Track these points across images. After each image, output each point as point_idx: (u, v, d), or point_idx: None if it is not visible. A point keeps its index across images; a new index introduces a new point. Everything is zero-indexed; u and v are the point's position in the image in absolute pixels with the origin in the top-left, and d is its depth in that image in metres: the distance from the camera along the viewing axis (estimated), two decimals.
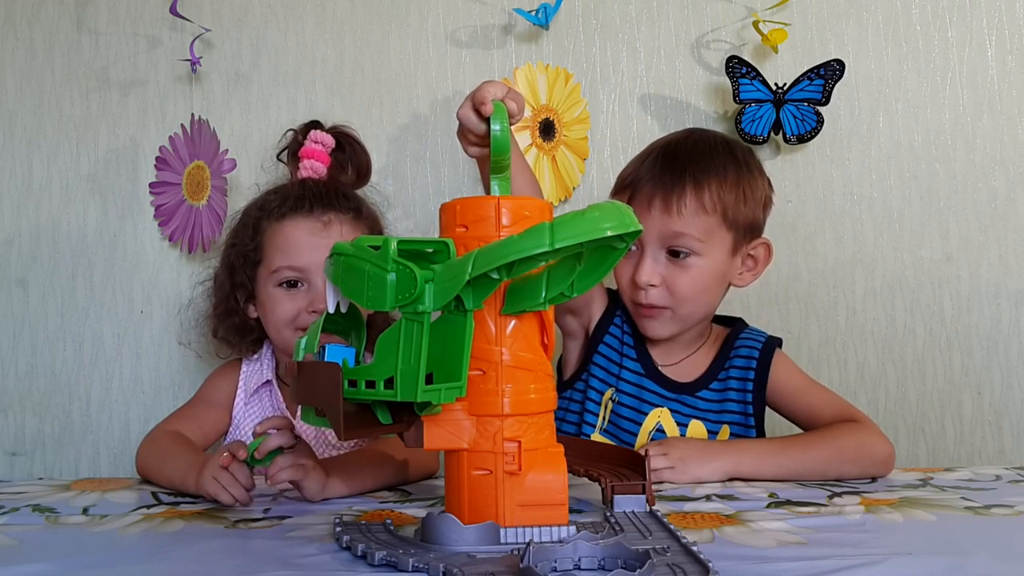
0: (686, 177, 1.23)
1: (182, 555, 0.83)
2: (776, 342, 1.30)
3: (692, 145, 1.28)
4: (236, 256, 1.33)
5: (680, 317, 1.26)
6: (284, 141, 1.44)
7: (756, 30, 1.56)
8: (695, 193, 1.22)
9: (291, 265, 1.27)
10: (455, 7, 1.61)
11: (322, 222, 1.29)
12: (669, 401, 1.30)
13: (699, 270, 1.24)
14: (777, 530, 0.87)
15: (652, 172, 1.24)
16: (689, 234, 1.22)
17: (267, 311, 1.30)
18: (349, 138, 1.43)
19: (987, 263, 1.62)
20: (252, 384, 1.35)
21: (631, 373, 1.31)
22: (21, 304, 1.60)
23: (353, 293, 0.77)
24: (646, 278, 1.23)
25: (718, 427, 1.29)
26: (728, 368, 1.29)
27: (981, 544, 0.84)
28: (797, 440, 1.20)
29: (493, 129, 0.91)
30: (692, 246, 1.23)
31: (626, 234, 0.73)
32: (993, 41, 1.62)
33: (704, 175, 1.23)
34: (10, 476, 1.56)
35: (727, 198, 1.23)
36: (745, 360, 1.29)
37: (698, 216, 1.22)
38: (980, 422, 1.62)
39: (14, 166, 1.61)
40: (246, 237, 1.32)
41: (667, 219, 1.22)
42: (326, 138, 1.39)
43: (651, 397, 1.30)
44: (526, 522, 0.80)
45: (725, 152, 1.27)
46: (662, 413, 1.29)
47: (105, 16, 1.60)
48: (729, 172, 1.25)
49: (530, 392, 0.82)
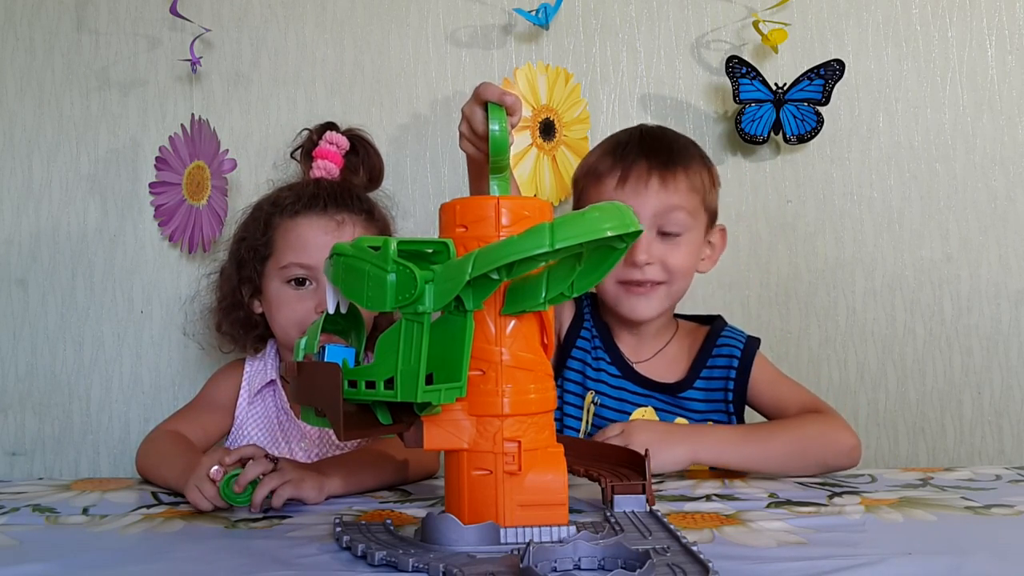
0: (675, 156, 1.27)
1: (182, 555, 0.83)
2: (757, 342, 1.31)
3: (661, 133, 1.33)
4: (245, 250, 1.32)
5: (670, 293, 1.28)
6: (299, 140, 1.46)
7: (756, 30, 1.56)
8: (685, 171, 1.26)
9: (301, 262, 1.27)
10: (455, 7, 1.61)
11: (335, 221, 1.29)
12: (651, 399, 1.30)
13: (688, 247, 1.26)
14: (777, 530, 0.87)
15: (643, 152, 1.26)
16: (684, 208, 1.25)
17: (274, 309, 1.30)
18: (364, 141, 1.44)
19: (987, 263, 1.62)
20: (256, 384, 1.34)
21: (608, 375, 1.32)
22: (21, 304, 1.60)
23: (353, 294, 0.77)
24: (643, 256, 1.24)
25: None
26: (711, 367, 1.30)
27: (981, 544, 0.84)
28: (759, 429, 1.21)
29: (492, 129, 0.91)
30: (684, 222, 1.25)
31: (626, 234, 0.73)
32: (993, 41, 1.62)
33: (685, 158, 1.28)
34: (10, 476, 1.56)
35: (705, 180, 1.29)
36: (727, 359, 1.29)
37: (690, 194, 1.26)
38: (980, 422, 1.62)
39: (14, 166, 1.61)
40: (257, 231, 1.31)
41: (665, 194, 1.24)
42: (341, 140, 1.40)
43: (631, 397, 1.30)
44: (526, 522, 0.80)
45: (686, 141, 1.33)
46: (646, 411, 1.29)
47: (105, 16, 1.60)
48: (697, 158, 1.30)
49: (530, 392, 0.82)
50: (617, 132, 1.36)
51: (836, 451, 1.15)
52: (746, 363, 1.28)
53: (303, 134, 1.46)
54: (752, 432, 1.18)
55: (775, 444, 1.15)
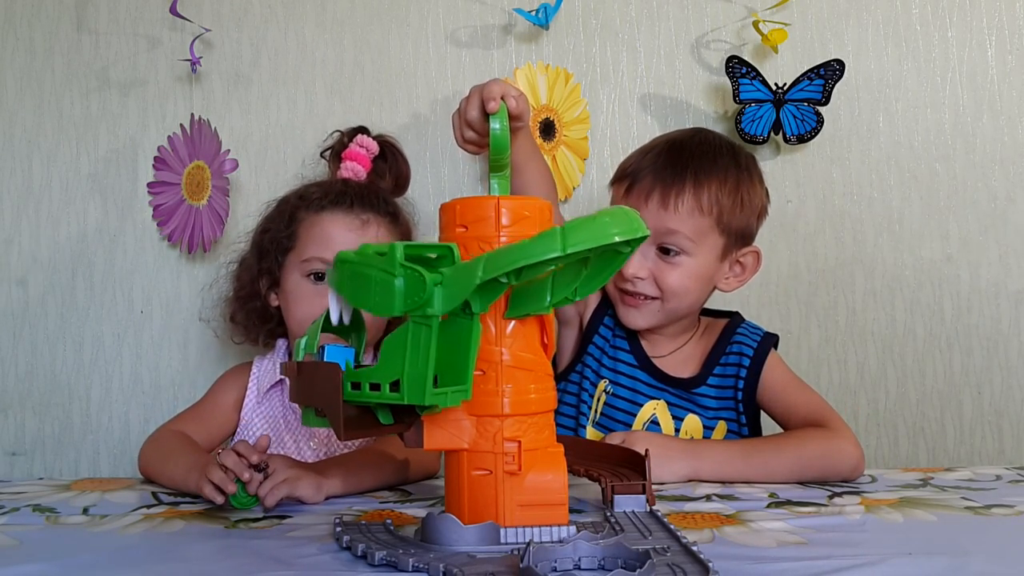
0: (687, 175, 1.22)
1: (182, 555, 0.83)
2: (773, 339, 1.30)
3: (697, 144, 1.27)
4: (268, 241, 1.33)
5: (665, 310, 1.26)
6: (329, 141, 1.47)
7: (756, 30, 1.56)
8: (694, 192, 1.22)
9: (323, 257, 1.27)
10: (455, 7, 1.61)
11: (360, 220, 1.29)
12: (665, 393, 1.29)
13: (686, 268, 1.24)
14: (777, 530, 0.87)
15: (654, 165, 1.24)
16: (682, 232, 1.22)
17: (292, 302, 1.29)
18: (393, 148, 1.46)
19: (987, 263, 1.62)
20: (265, 383, 1.34)
21: (624, 364, 1.31)
22: (21, 304, 1.60)
23: (359, 300, 0.77)
24: (633, 271, 1.23)
25: (714, 423, 1.28)
26: (724, 364, 1.29)
27: (981, 544, 0.84)
28: (761, 445, 1.18)
29: (492, 128, 0.91)
30: (683, 245, 1.23)
31: (632, 239, 0.73)
32: (993, 41, 1.62)
33: (705, 175, 1.23)
34: (10, 476, 1.56)
35: (724, 201, 1.23)
36: (738, 356, 1.28)
37: (693, 216, 1.22)
38: (980, 422, 1.62)
39: (14, 166, 1.61)
40: (281, 223, 1.32)
41: (663, 214, 1.22)
42: (371, 144, 1.42)
43: (645, 389, 1.30)
44: (526, 522, 0.80)
45: (729, 155, 1.27)
46: (658, 405, 1.29)
47: (105, 16, 1.60)
48: (730, 176, 1.25)
49: (530, 392, 0.82)
50: (672, 132, 1.34)
51: (839, 468, 1.13)
52: (758, 362, 1.26)
53: (334, 135, 1.47)
54: (753, 450, 1.15)
55: (775, 463, 1.12)
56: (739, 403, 1.27)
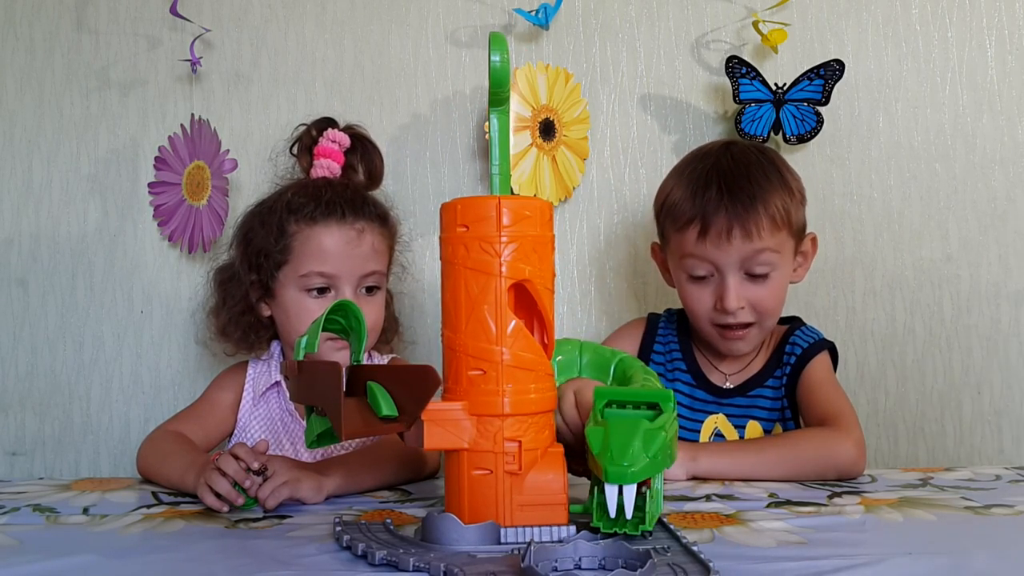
0: (756, 202, 1.24)
1: (182, 555, 0.83)
2: (827, 345, 1.32)
3: (742, 166, 1.28)
4: (258, 254, 1.30)
5: (764, 329, 1.30)
6: (295, 134, 1.43)
7: (756, 30, 1.56)
8: (767, 213, 1.24)
9: (323, 271, 1.26)
10: (455, 7, 1.61)
11: (356, 230, 1.28)
12: (724, 407, 1.33)
13: (776, 283, 1.27)
14: (777, 530, 0.87)
15: (721, 203, 1.24)
16: (769, 248, 1.25)
17: (292, 316, 1.28)
18: (363, 139, 1.42)
19: (987, 263, 1.62)
20: (261, 386, 1.33)
21: (683, 384, 1.35)
22: (21, 304, 1.60)
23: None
24: (734, 304, 1.25)
25: (771, 425, 1.32)
26: (782, 366, 1.32)
27: (981, 544, 0.84)
28: (755, 443, 1.24)
29: (492, 60, 0.89)
30: (771, 260, 1.26)
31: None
32: (993, 41, 1.62)
33: (769, 194, 1.25)
34: (10, 476, 1.56)
35: (789, 208, 1.27)
36: (789, 356, 1.31)
37: (773, 232, 1.25)
38: (980, 422, 1.62)
39: (14, 166, 1.60)
40: (270, 236, 1.28)
41: (749, 243, 1.24)
42: (342, 137, 1.39)
43: (703, 406, 1.33)
44: (526, 522, 0.80)
45: (768, 163, 1.30)
46: (718, 419, 1.32)
47: (105, 16, 1.60)
48: (777, 180, 1.28)
49: (530, 392, 0.82)
50: (694, 160, 1.32)
51: (834, 466, 1.14)
52: (800, 364, 1.29)
53: (300, 129, 1.43)
54: (746, 448, 1.20)
55: (768, 459, 1.14)
56: (785, 409, 1.31)
